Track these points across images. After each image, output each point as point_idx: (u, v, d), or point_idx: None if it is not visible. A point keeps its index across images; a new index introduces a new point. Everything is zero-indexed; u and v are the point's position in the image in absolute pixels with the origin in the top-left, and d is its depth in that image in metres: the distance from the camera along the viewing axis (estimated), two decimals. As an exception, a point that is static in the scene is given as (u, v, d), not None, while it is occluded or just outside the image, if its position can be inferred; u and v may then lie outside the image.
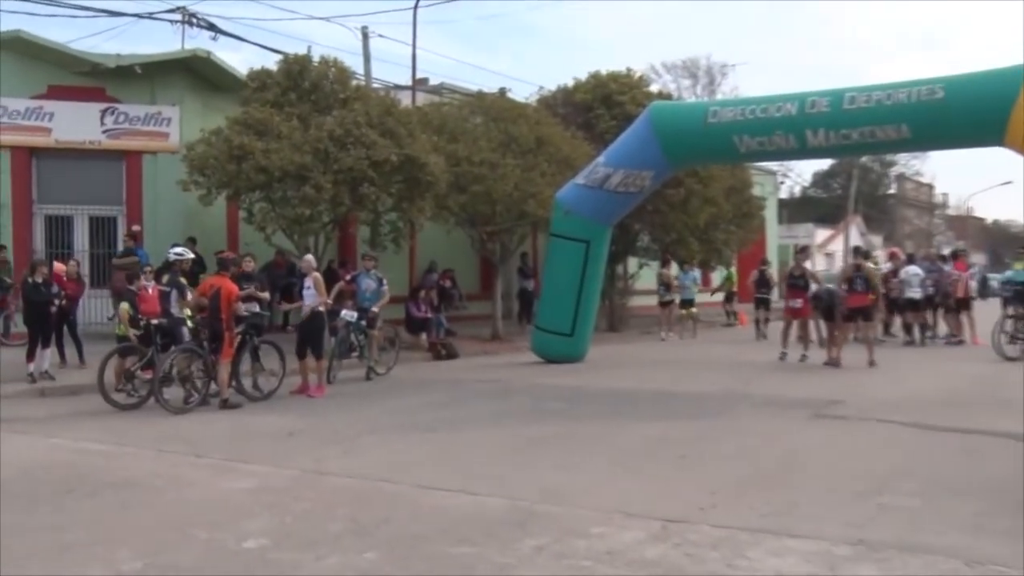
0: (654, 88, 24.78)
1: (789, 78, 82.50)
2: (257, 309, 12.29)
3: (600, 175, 15.59)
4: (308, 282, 12.75)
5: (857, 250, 16.53)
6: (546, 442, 8.66)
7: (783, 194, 48.57)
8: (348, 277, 14.16)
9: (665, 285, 22.03)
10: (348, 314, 13.90)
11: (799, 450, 8.02)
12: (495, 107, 19.57)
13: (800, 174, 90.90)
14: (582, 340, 16.31)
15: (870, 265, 16.20)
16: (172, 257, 11.97)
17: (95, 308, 17.57)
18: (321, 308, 12.62)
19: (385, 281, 14.58)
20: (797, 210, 54.19)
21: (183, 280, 11.85)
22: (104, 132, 18.14)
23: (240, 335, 11.99)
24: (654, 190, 16.80)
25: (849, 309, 14.57)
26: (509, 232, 19.76)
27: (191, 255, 12.34)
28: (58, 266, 14.66)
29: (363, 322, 14.07)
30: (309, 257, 13.44)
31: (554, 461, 7.76)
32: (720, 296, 27.61)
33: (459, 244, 21.11)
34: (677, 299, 22.23)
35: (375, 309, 14.25)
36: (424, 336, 18.34)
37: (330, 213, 16.32)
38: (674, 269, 23.26)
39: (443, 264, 22.23)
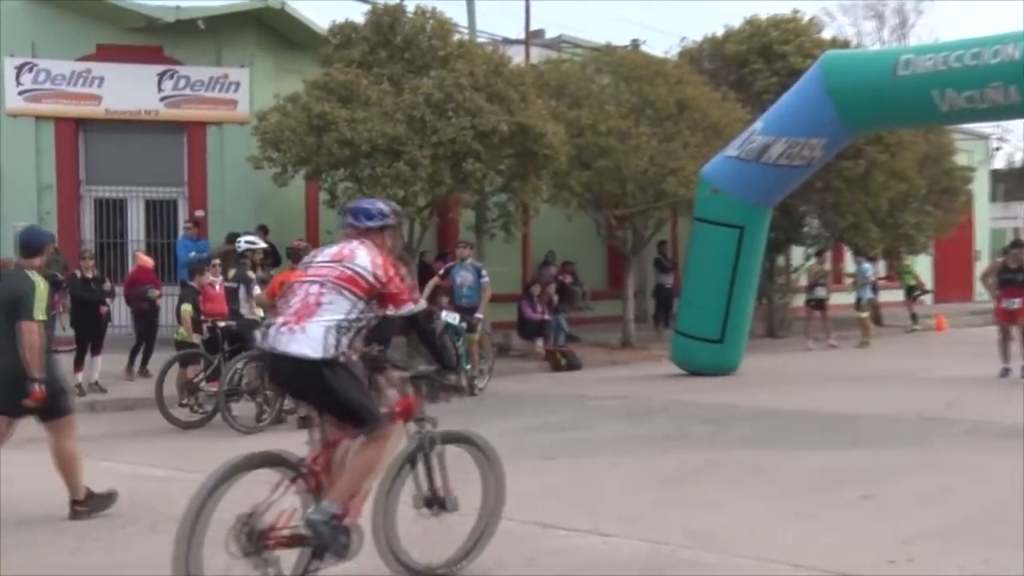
0: (827, 35, 24.17)
1: (1006, 15, 76.80)
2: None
3: (757, 145, 15.34)
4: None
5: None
6: (691, 474, 8.60)
7: (999, 163, 46.54)
8: (441, 271, 14.25)
9: (817, 284, 21.32)
10: (449, 316, 13.95)
11: (1017, 492, 7.68)
12: (626, 64, 19.46)
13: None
14: (734, 348, 16.10)
15: None
16: (242, 246, 12.25)
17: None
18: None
19: (485, 272, 14.66)
20: (1019, 184, 51.90)
21: (253, 275, 12.12)
22: (162, 100, 18.77)
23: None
24: (825, 162, 16.46)
25: None
26: (643, 216, 19.62)
27: (263, 244, 12.62)
28: (145, 259, 15.16)
29: (463, 324, 14.15)
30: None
31: (702, 497, 7.69)
32: (917, 294, 26.66)
33: (582, 231, 21.05)
34: (825, 298, 21.40)
35: (479, 315, 14.36)
36: (540, 342, 18.39)
37: (427, 195, 16.52)
38: (849, 262, 22.71)
39: (562, 255, 22.22)
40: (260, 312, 11.96)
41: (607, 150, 18.06)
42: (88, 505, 7.41)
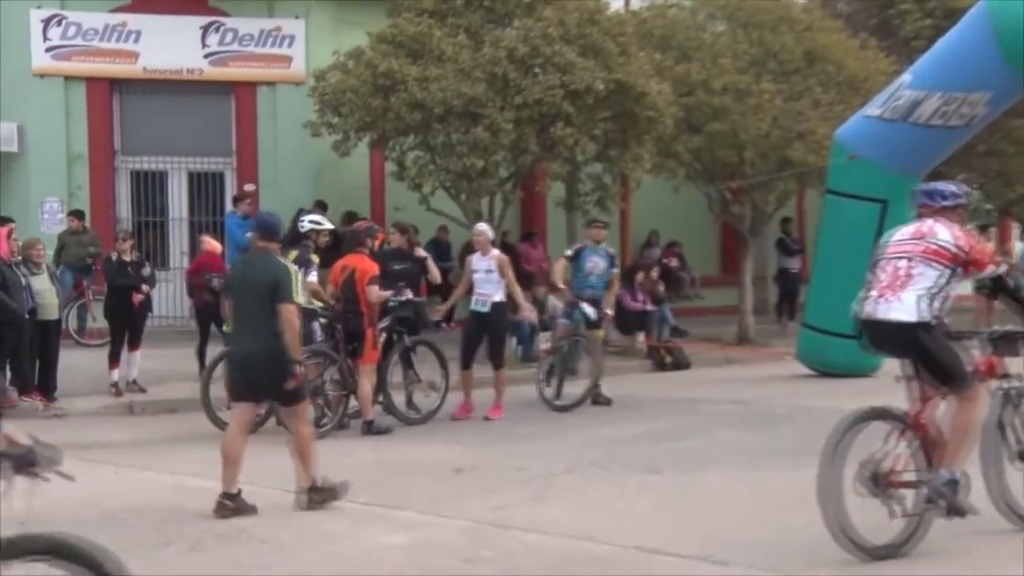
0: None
1: None
2: (409, 295, 12.57)
3: (905, 102, 15.06)
4: (483, 263, 12.93)
5: None
6: (824, 493, 8.43)
7: None
8: (570, 252, 14.05)
9: None
10: (587, 308, 13.71)
11: None
12: (745, 8, 19.26)
13: None
14: (875, 346, 15.84)
15: None
16: (305, 226, 12.38)
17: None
18: (498, 299, 12.78)
19: (617, 260, 14.58)
20: None
21: (316, 257, 12.28)
22: (207, 57, 19.04)
23: (385, 332, 12.35)
24: (990, 121, 16.11)
25: None
26: (764, 189, 19.43)
27: (328, 224, 12.71)
28: (212, 244, 15.39)
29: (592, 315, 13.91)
30: (484, 227, 13.55)
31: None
32: None
33: (691, 207, 20.92)
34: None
35: (609, 311, 14.29)
36: (641, 336, 18.31)
37: (510, 165, 16.57)
38: (1017, 243, 22.25)
39: (668, 235, 22.10)
40: (317, 303, 12.04)
41: (721, 111, 17.92)
42: (320, 495, 8.34)
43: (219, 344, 13.27)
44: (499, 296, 12.78)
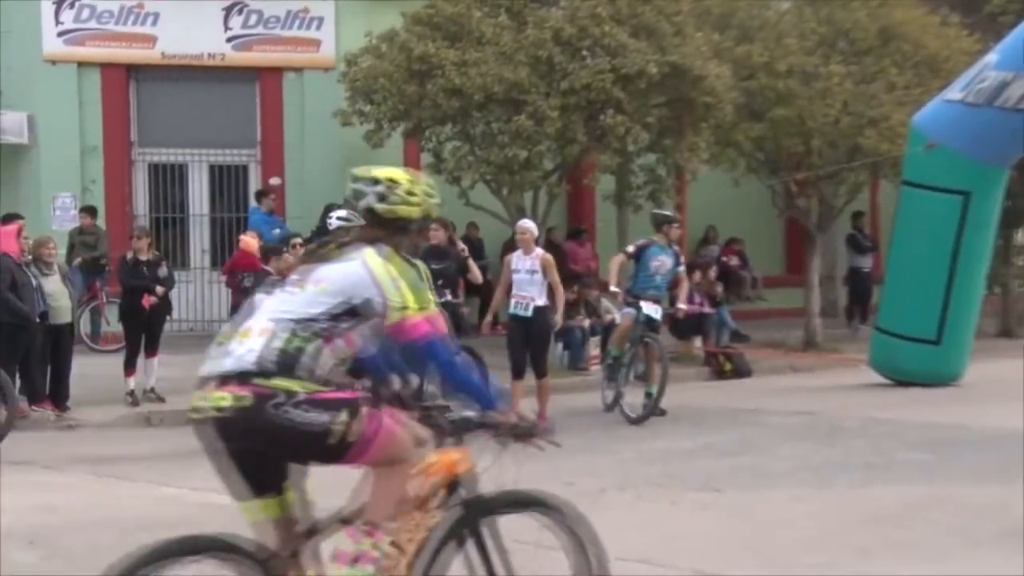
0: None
1: None
2: (448, 297, 12.58)
3: (990, 84, 14.92)
4: (526, 263, 12.87)
5: None
6: (900, 515, 8.43)
7: None
8: (631, 249, 13.91)
9: None
10: (649, 308, 13.58)
11: None
12: (813, -17, 19.20)
13: None
14: (956, 351, 15.75)
15: None
16: (333, 223, 12.39)
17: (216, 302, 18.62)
18: (541, 302, 12.74)
19: (683, 259, 14.50)
20: None
21: None
22: (229, 41, 19.20)
23: None
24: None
25: None
26: (833, 180, 19.33)
27: (362, 222, 12.67)
28: (250, 242, 15.36)
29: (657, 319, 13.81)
30: (529, 224, 13.45)
31: (915, 546, 7.53)
32: None
33: (752, 201, 20.84)
34: None
35: (681, 305, 14.27)
36: (698, 341, 18.24)
37: (556, 156, 16.57)
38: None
39: (727, 231, 22.02)
40: None
41: (786, 96, 17.83)
42: None
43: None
44: (542, 299, 12.74)
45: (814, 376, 17.40)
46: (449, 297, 12.69)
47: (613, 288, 13.93)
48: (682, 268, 14.21)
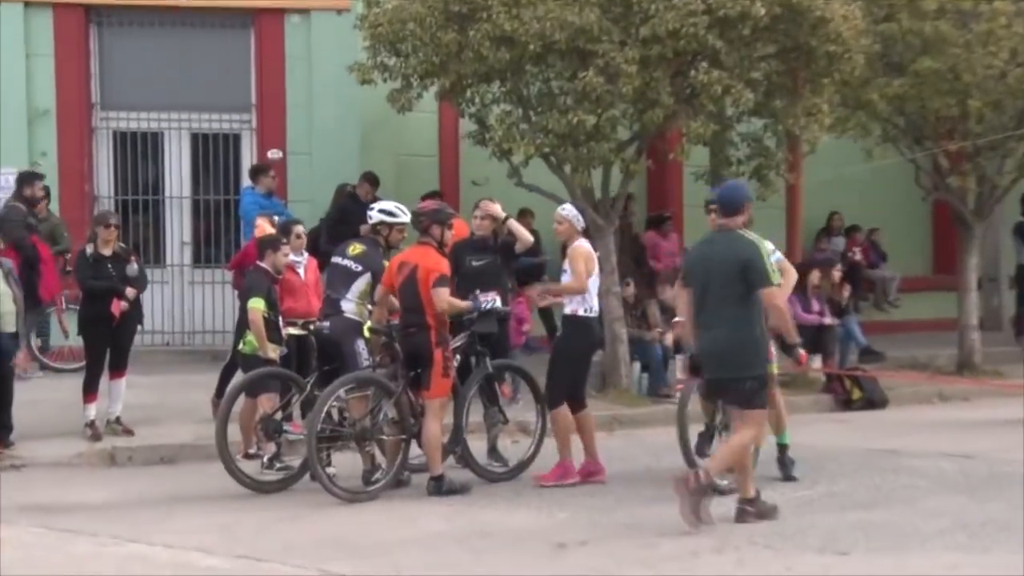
0: None
1: None
2: (496, 303, 12.52)
3: None
4: (566, 262, 12.66)
5: None
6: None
7: None
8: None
9: None
10: None
11: None
12: None
13: None
14: None
15: None
16: (375, 217, 12.49)
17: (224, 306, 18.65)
18: (570, 308, 12.48)
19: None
20: None
21: (385, 263, 12.37)
22: (217, -25, 19.24)
23: (459, 353, 12.34)
24: None
25: None
26: (997, 152, 19.18)
27: (406, 217, 12.64)
28: (264, 226, 14.81)
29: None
30: (568, 210, 12.81)
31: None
32: None
33: (890, 180, 20.78)
34: None
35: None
36: (818, 361, 18.05)
37: (633, 122, 16.50)
38: None
39: (855, 218, 21.88)
40: (365, 312, 12.25)
41: (935, 42, 17.70)
42: (755, 507, 10.27)
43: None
44: (573, 305, 12.40)
45: (970, 407, 17.32)
46: (497, 302, 12.51)
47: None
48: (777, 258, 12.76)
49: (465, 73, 16.05)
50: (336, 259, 12.62)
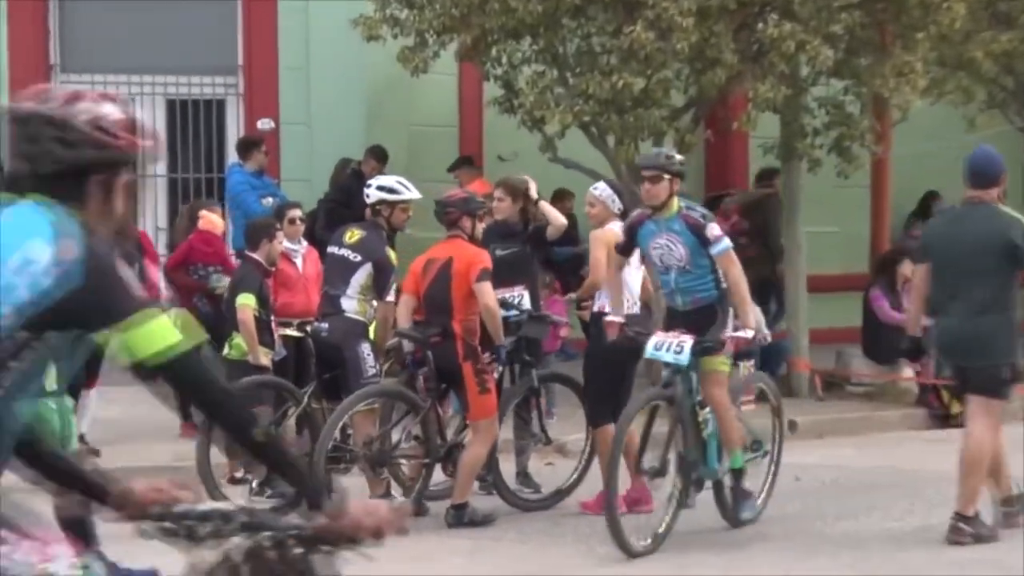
0: None
1: None
2: (524, 300, 12.62)
3: None
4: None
5: None
6: None
7: None
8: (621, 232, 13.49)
9: None
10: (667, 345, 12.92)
11: None
12: None
13: None
14: None
15: None
16: (373, 196, 12.52)
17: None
18: (598, 306, 12.41)
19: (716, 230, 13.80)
20: None
21: (394, 255, 12.46)
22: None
23: (497, 362, 12.25)
24: None
25: None
26: None
27: (413, 193, 12.68)
28: (213, 220, 15.37)
29: None
30: (601, 189, 12.87)
31: None
32: None
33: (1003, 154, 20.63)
34: None
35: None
36: (909, 369, 17.92)
37: (689, 86, 16.46)
38: None
39: (954, 200, 21.63)
40: (370, 309, 12.33)
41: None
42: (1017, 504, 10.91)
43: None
44: (601, 301, 12.39)
45: None
46: (521, 299, 12.41)
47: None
48: (722, 247, 12.00)
49: (490, 28, 16.10)
50: (332, 249, 12.65)
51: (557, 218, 13.17)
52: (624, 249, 11.88)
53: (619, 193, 12.76)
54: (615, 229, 12.24)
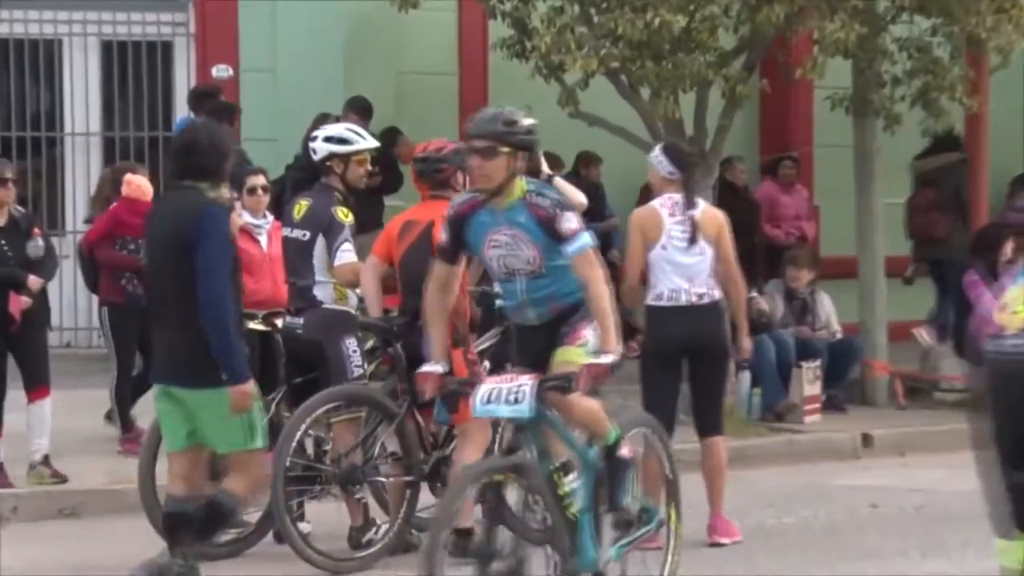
0: None
1: None
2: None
3: None
4: (669, 227, 12.43)
5: None
6: None
7: None
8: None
9: None
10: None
11: None
12: None
13: None
14: None
15: None
16: (322, 149, 12.42)
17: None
18: (710, 296, 12.33)
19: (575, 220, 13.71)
20: None
21: (346, 212, 12.23)
22: None
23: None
24: None
25: None
26: None
27: (368, 142, 12.67)
28: (139, 182, 15.23)
29: None
30: (652, 155, 12.86)
31: None
32: None
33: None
34: None
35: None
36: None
37: (740, 25, 16.42)
38: None
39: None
40: (352, 296, 12.19)
41: None
42: None
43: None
44: (710, 288, 12.34)
45: None
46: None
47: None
48: (580, 245, 12.09)
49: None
50: (285, 231, 12.59)
51: (577, 197, 12.84)
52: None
53: (670, 153, 12.55)
54: (655, 206, 12.31)
